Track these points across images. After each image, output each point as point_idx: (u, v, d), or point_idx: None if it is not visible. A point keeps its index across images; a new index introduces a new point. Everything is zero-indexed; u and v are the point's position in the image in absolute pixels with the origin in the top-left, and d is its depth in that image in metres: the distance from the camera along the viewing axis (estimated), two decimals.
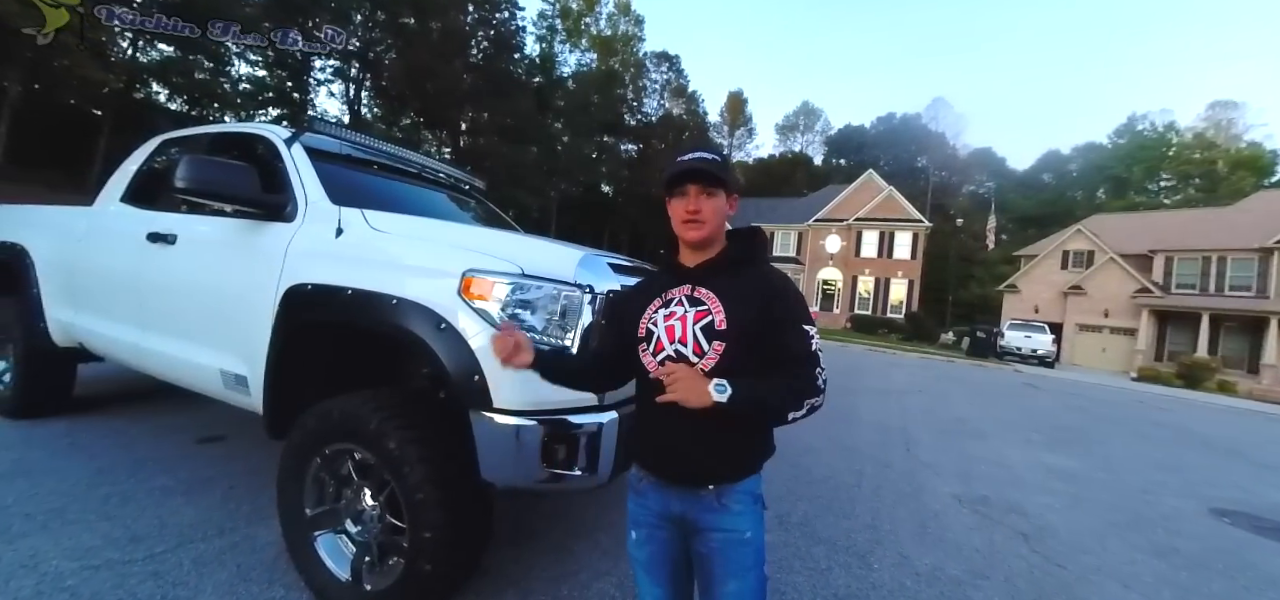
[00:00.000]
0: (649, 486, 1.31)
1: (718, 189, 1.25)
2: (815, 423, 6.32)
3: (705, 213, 1.24)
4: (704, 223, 1.24)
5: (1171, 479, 5.80)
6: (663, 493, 1.28)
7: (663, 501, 1.28)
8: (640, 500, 1.34)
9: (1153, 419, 10.96)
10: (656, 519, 1.31)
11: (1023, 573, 3.06)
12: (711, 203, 1.25)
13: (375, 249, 2.09)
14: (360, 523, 2.02)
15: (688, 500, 1.25)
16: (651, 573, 1.34)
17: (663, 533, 1.31)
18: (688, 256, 1.32)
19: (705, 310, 1.23)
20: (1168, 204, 46.30)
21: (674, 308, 1.26)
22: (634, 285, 1.52)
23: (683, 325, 1.23)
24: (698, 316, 1.22)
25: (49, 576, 2.04)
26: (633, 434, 1.40)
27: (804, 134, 72.00)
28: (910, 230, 34.77)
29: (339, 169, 2.71)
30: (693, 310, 1.24)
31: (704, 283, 1.26)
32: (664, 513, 1.29)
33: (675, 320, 1.24)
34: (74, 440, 3.40)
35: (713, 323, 1.21)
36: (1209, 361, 22.74)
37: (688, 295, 1.26)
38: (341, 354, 2.32)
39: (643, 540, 1.34)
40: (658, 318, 1.27)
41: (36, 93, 20.93)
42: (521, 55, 41.53)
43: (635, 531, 1.35)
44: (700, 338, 1.21)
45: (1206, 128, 53.62)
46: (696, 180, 1.24)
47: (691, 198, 1.24)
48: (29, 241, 3.66)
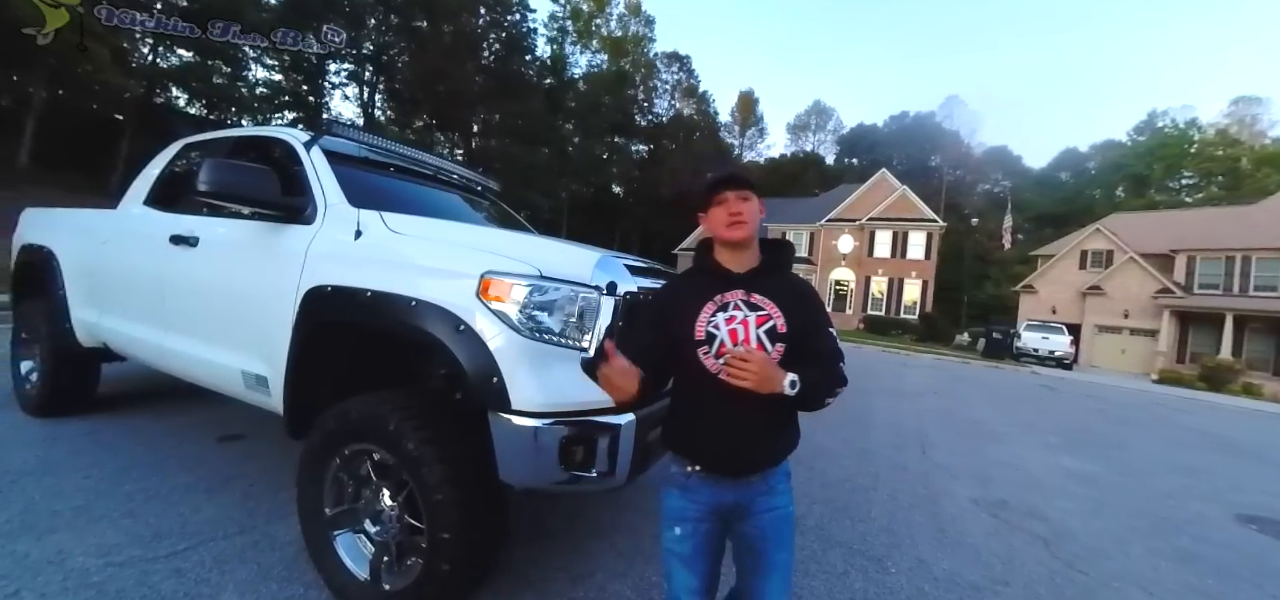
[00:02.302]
0: (700, 482, 1.38)
1: (751, 193, 1.39)
2: (830, 425, 6.26)
3: (745, 214, 1.37)
4: (746, 222, 1.37)
5: (1195, 484, 5.68)
6: (716, 486, 1.37)
7: (715, 494, 1.38)
8: (689, 496, 1.40)
9: (1175, 422, 10.73)
10: (704, 512, 1.39)
11: (1043, 578, 3.01)
12: (748, 206, 1.37)
13: (393, 251, 2.10)
14: (379, 522, 2.03)
15: (742, 488, 1.37)
16: (691, 565, 1.40)
17: (706, 525, 1.39)
18: (729, 260, 1.41)
19: (766, 314, 1.34)
20: (1189, 202, 45.37)
21: (732, 312, 1.35)
22: (673, 288, 1.57)
23: (745, 328, 1.32)
24: (759, 320, 1.33)
25: (74, 572, 2.08)
26: (677, 434, 1.44)
27: (816, 133, 71.63)
28: (924, 230, 34.37)
29: (356, 172, 2.73)
30: (753, 314, 1.34)
31: (756, 289, 1.37)
32: (715, 505, 1.38)
33: (737, 323, 1.33)
34: (98, 438, 3.47)
35: (775, 326, 1.33)
36: (1233, 364, 22.19)
37: (744, 300, 1.36)
38: (360, 355, 2.33)
39: (687, 535, 1.39)
40: (718, 321, 1.34)
41: (60, 98, 21.43)
42: (533, 57, 41.78)
43: (679, 527, 1.40)
44: (764, 340, 1.32)
45: (1229, 124, 52.54)
46: (733, 186, 1.38)
47: (733, 202, 1.37)
48: (55, 244, 3.74)
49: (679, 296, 1.45)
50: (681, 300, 1.41)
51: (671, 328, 1.39)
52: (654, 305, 1.52)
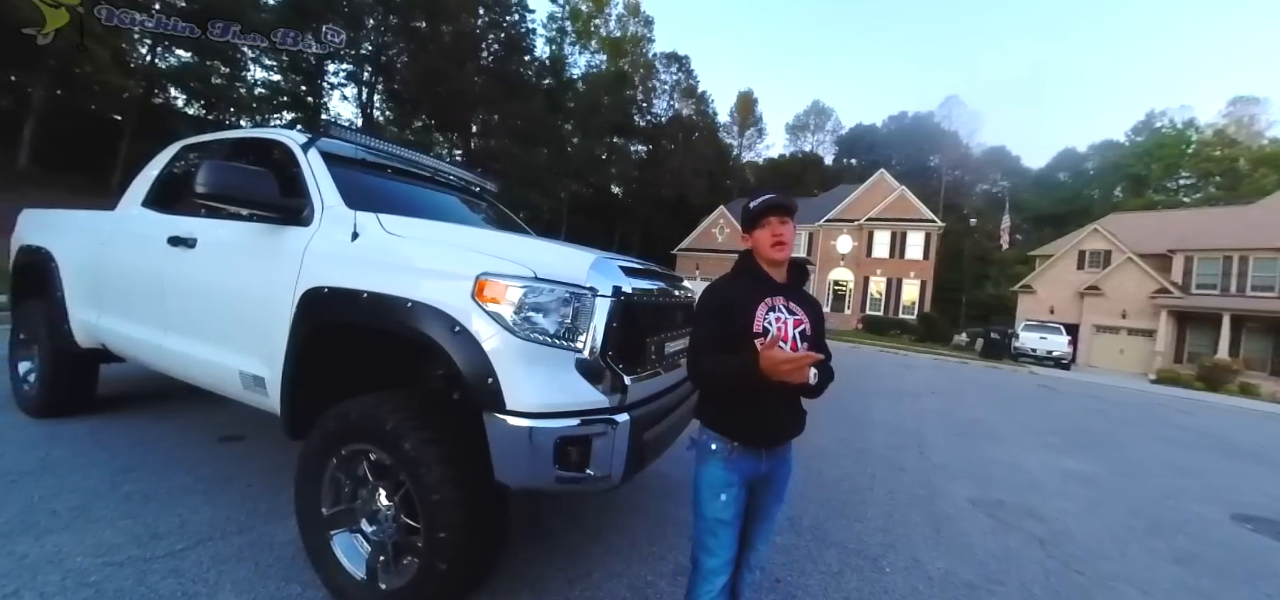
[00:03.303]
0: (740, 455, 1.62)
1: (789, 218, 1.67)
2: (827, 425, 6.27)
3: (786, 237, 1.66)
4: (787, 244, 1.66)
5: (1192, 484, 5.69)
6: (755, 457, 1.64)
7: (753, 465, 1.64)
8: (731, 467, 1.62)
9: (1173, 422, 10.75)
10: (743, 480, 1.64)
11: (1039, 578, 3.02)
12: (788, 230, 1.66)
13: (390, 252, 2.11)
14: (376, 522, 2.04)
15: (773, 459, 1.68)
16: (734, 526, 1.64)
17: (742, 491, 1.65)
18: (772, 270, 1.69)
19: (800, 319, 1.66)
20: (1187, 202, 45.46)
21: (780, 313, 1.64)
22: (727, 289, 1.70)
23: (785, 327, 1.62)
24: (795, 323, 1.64)
25: (73, 572, 2.09)
26: (719, 415, 1.65)
27: (815, 134, 71.66)
28: (923, 230, 34.41)
29: (354, 173, 2.74)
30: (791, 317, 1.64)
31: (792, 297, 1.68)
32: (752, 474, 1.65)
33: (781, 323, 1.62)
34: (97, 439, 3.47)
35: (805, 329, 1.66)
36: (1230, 363, 22.22)
37: (785, 305, 1.65)
38: (358, 356, 2.34)
39: (732, 500, 1.63)
40: (770, 319, 1.62)
41: (60, 98, 21.42)
42: (532, 57, 41.76)
43: (724, 495, 1.62)
44: (797, 339, 1.63)
45: (1227, 124, 52.57)
46: (777, 212, 1.65)
47: (775, 225, 1.65)
48: (54, 245, 3.74)
49: (738, 295, 1.67)
50: (741, 299, 1.65)
51: (735, 320, 1.61)
52: (717, 301, 1.67)
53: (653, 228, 46.58)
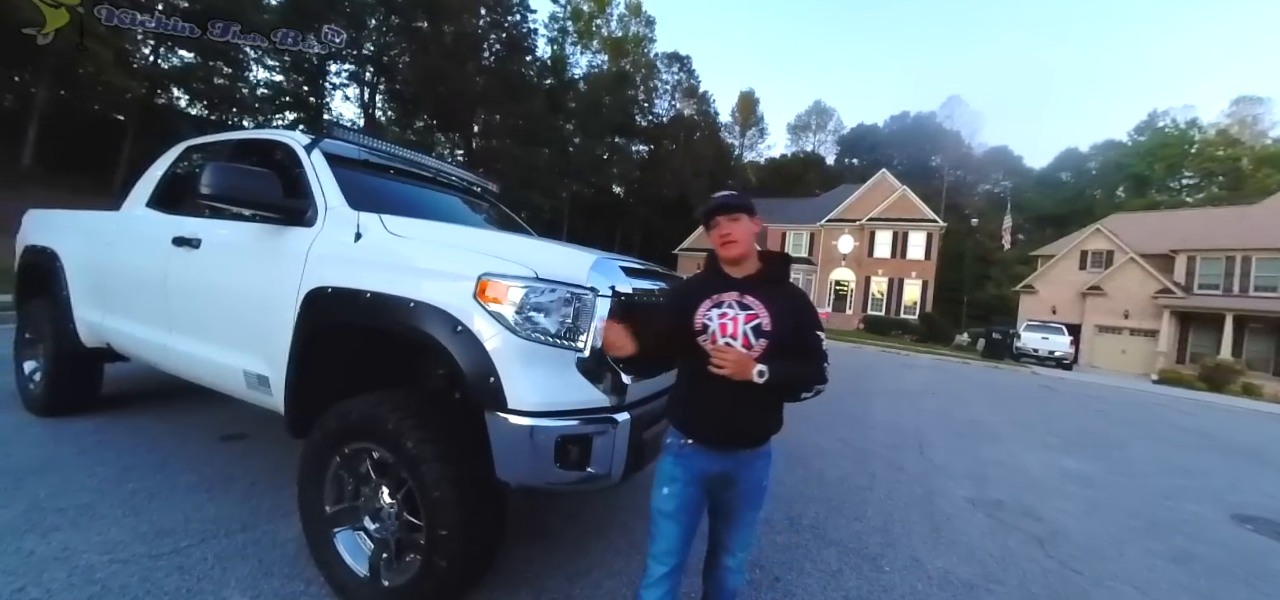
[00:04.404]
0: (693, 451, 1.62)
1: (739, 214, 1.65)
2: (827, 424, 6.27)
3: (735, 234, 1.64)
4: (736, 242, 1.64)
5: (1192, 484, 5.70)
6: (707, 455, 1.62)
7: (705, 463, 1.62)
8: (681, 462, 1.64)
9: (1174, 423, 10.74)
10: (691, 477, 1.63)
11: (1037, 577, 3.04)
12: (737, 226, 1.64)
13: (393, 253, 2.14)
14: (378, 520, 2.06)
15: (729, 460, 1.63)
16: (675, 521, 1.63)
17: (692, 490, 1.64)
18: (730, 267, 1.68)
19: (754, 313, 1.59)
20: (1190, 202, 45.34)
21: (726, 309, 1.60)
22: (686, 284, 1.80)
23: (734, 324, 1.58)
24: (748, 318, 1.58)
25: (79, 570, 2.11)
26: (677, 411, 1.69)
27: (816, 133, 71.59)
28: (924, 230, 34.38)
29: (356, 174, 2.77)
30: (743, 313, 1.59)
31: (750, 292, 1.62)
32: (704, 472, 1.63)
33: (727, 319, 1.59)
34: (102, 438, 3.50)
35: (761, 324, 1.57)
36: (1233, 364, 22.15)
37: (738, 300, 1.61)
38: (360, 355, 2.37)
39: (675, 494, 1.63)
40: (712, 315, 1.60)
41: (63, 99, 21.49)
42: (533, 57, 41.82)
43: (668, 488, 1.64)
44: (749, 334, 1.57)
45: (1230, 124, 52.44)
46: (722, 212, 1.65)
47: (723, 224, 1.65)
48: (59, 245, 3.78)
49: (689, 291, 1.72)
50: (690, 295, 1.68)
51: (679, 315, 1.65)
52: (672, 294, 1.77)
53: (653, 228, 46.57)
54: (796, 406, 1.72)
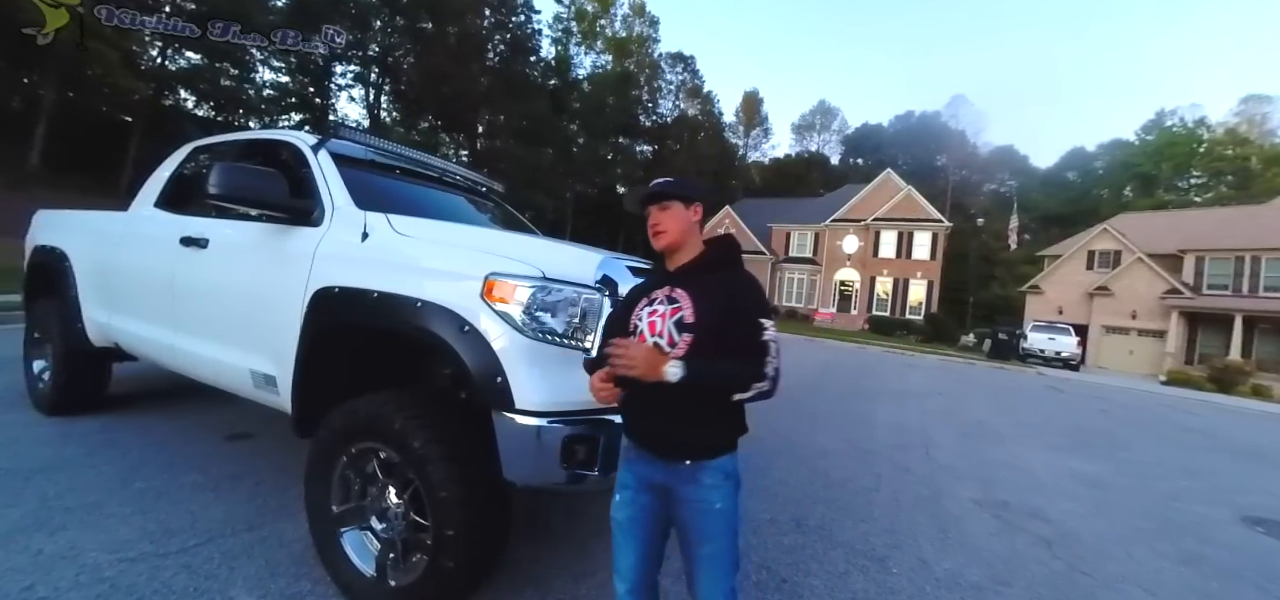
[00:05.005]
0: (636, 456, 1.50)
1: (670, 202, 1.50)
2: (833, 426, 6.22)
3: (664, 224, 1.50)
4: (664, 232, 1.50)
5: (1201, 485, 5.65)
6: (649, 463, 1.47)
7: (648, 470, 1.48)
8: (629, 467, 1.53)
9: (1182, 423, 10.66)
10: (640, 484, 1.49)
11: (1045, 579, 3.02)
12: (666, 215, 1.50)
13: (399, 253, 2.14)
14: (385, 520, 2.06)
15: (668, 472, 1.44)
16: (628, 533, 1.51)
17: (645, 498, 1.49)
18: (669, 259, 1.55)
19: (678, 306, 1.43)
20: (1198, 202, 45.02)
21: (655, 306, 1.47)
22: (632, 289, 1.68)
23: (661, 321, 1.44)
24: (672, 312, 1.43)
25: (87, 568, 2.12)
26: (623, 413, 1.54)
27: (820, 133, 71.50)
28: (929, 230, 34.24)
29: (363, 174, 2.77)
30: (669, 307, 1.44)
31: (680, 283, 1.47)
32: (648, 480, 1.48)
33: (656, 316, 1.45)
34: (109, 437, 3.52)
35: (683, 317, 1.41)
36: (1242, 365, 21.95)
37: (666, 294, 1.47)
38: (367, 355, 2.37)
39: (625, 502, 1.51)
40: (642, 314, 1.48)
41: (70, 100, 21.65)
42: (537, 58, 41.94)
43: (619, 495, 1.53)
44: (673, 330, 1.41)
45: (1239, 123, 52.05)
46: (651, 202, 1.52)
47: (653, 214, 1.51)
48: (68, 245, 3.80)
49: (634, 293, 1.61)
50: (634, 297, 1.59)
51: (624, 319, 1.55)
52: (625, 300, 1.65)
53: None
54: (801, 406, 1.64)
